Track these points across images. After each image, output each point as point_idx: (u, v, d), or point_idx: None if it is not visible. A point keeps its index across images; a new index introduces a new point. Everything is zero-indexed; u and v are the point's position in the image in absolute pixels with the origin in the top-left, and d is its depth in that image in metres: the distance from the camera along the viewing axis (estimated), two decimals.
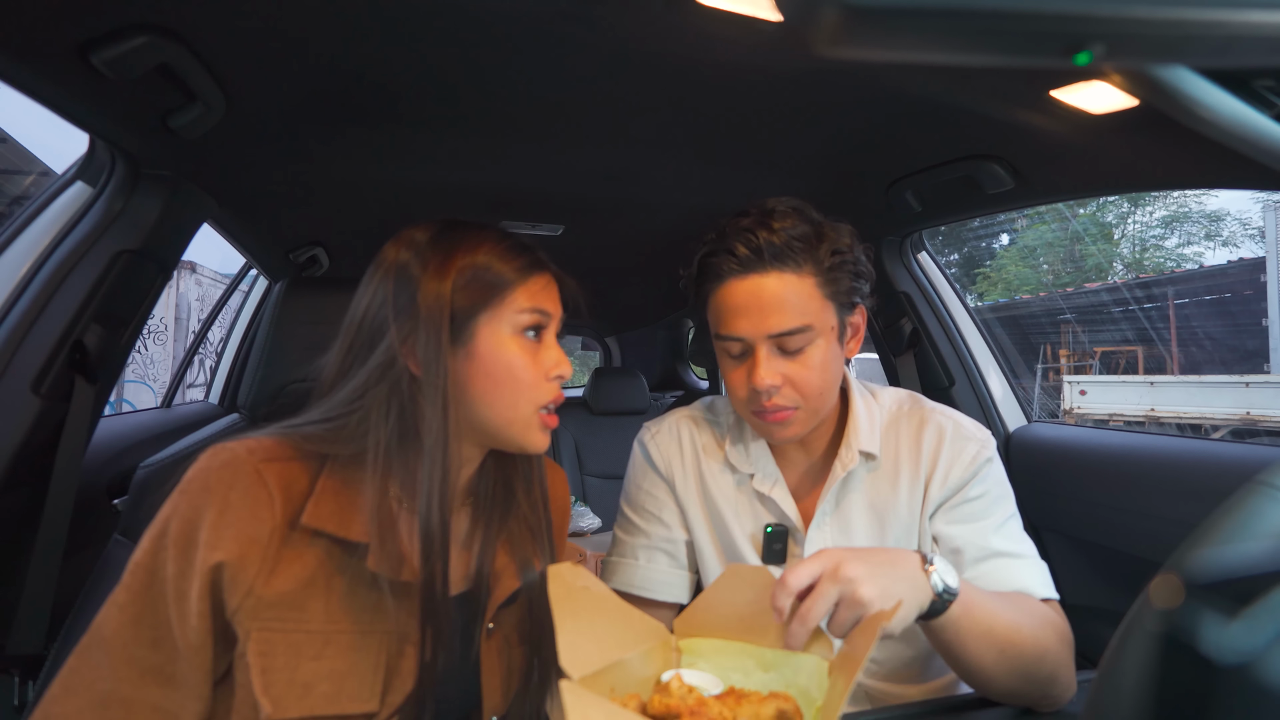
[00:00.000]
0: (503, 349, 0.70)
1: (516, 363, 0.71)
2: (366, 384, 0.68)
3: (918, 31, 0.22)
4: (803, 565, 0.66)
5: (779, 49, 0.89)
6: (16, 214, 1.10)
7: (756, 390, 0.83)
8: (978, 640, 0.72)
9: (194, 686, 0.63)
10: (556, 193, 1.58)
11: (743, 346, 0.84)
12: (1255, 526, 0.33)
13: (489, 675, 0.74)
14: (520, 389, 0.71)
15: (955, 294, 1.72)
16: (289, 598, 0.64)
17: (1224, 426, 8.69)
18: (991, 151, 1.20)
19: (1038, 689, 0.76)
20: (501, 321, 0.71)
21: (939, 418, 0.92)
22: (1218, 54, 0.24)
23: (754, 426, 0.90)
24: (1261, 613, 0.23)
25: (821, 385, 0.84)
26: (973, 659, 0.73)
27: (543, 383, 0.72)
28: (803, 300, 0.81)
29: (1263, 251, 11.63)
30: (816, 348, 0.83)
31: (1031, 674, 0.75)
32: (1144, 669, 0.25)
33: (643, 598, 0.94)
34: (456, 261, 0.70)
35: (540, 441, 0.74)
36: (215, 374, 2.16)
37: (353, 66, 0.98)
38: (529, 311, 0.72)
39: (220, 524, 0.62)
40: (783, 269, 0.81)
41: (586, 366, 12.17)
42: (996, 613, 0.73)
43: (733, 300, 0.83)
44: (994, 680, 0.75)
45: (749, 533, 0.93)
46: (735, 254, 0.82)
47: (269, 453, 0.66)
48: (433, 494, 0.67)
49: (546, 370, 0.73)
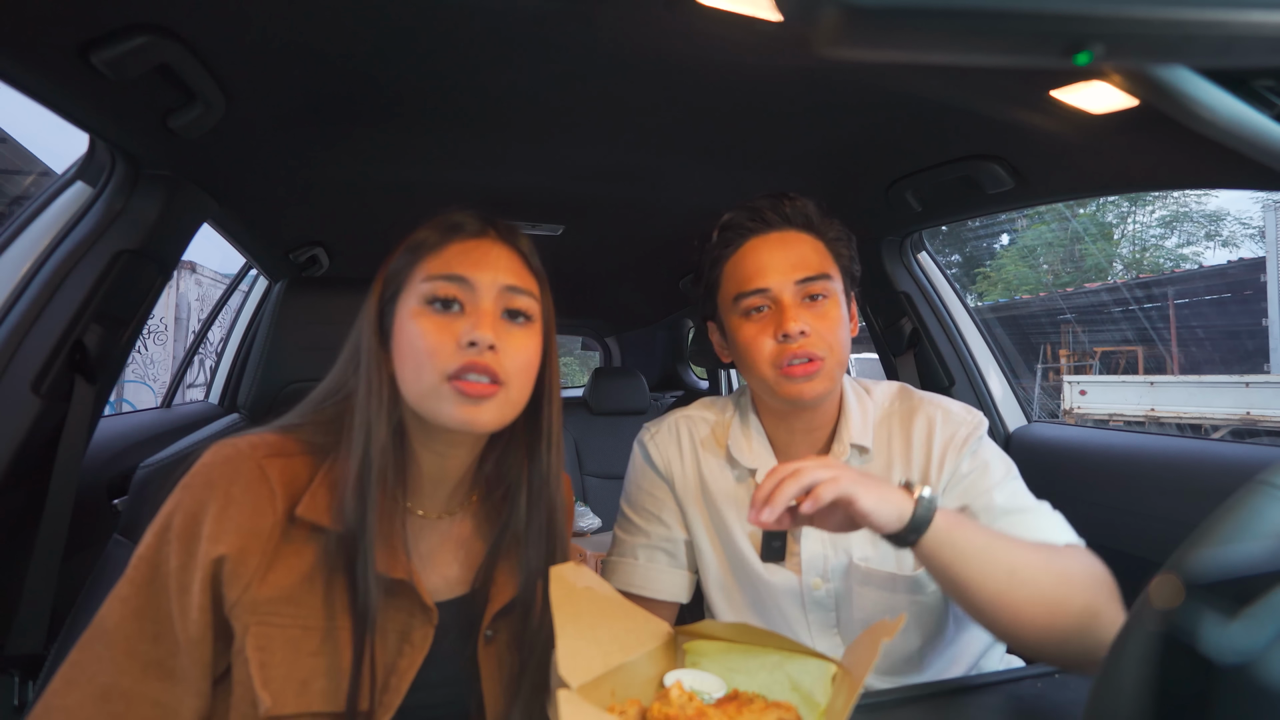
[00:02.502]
0: (409, 323, 0.68)
1: (415, 333, 0.67)
2: (336, 380, 0.71)
3: (917, 31, 0.22)
4: (806, 470, 0.67)
5: (779, 49, 0.90)
6: (16, 214, 1.10)
7: (786, 335, 0.84)
8: (979, 558, 0.68)
9: (193, 682, 0.63)
10: (556, 193, 1.58)
11: (767, 299, 0.87)
12: (1255, 526, 0.33)
13: (489, 682, 0.73)
14: (421, 359, 0.66)
15: (955, 294, 1.72)
16: (288, 593, 0.64)
17: (1224, 426, 8.68)
18: (991, 151, 1.20)
19: (1076, 631, 0.68)
20: (410, 295, 0.69)
21: (928, 408, 0.93)
22: (1218, 54, 0.24)
23: (781, 391, 0.88)
24: (1261, 613, 0.23)
25: (841, 339, 0.88)
26: (982, 586, 0.68)
27: (450, 349, 0.66)
28: (821, 255, 0.90)
29: (1263, 251, 11.64)
30: (834, 302, 0.89)
31: (1060, 607, 0.68)
32: (1144, 669, 0.25)
33: (642, 597, 0.94)
34: (394, 253, 0.72)
35: (454, 414, 0.66)
36: (215, 374, 2.16)
37: (352, 67, 0.98)
38: (436, 279, 0.68)
39: (222, 518, 0.62)
40: (801, 230, 0.91)
41: (586, 366, 12.17)
42: (994, 534, 0.72)
43: (758, 256, 0.89)
44: (1021, 618, 0.69)
45: (748, 530, 0.93)
46: (762, 215, 0.90)
47: (271, 448, 0.67)
48: (350, 481, 0.66)
49: (458, 338, 0.66)
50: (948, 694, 0.77)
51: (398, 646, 0.68)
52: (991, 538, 0.71)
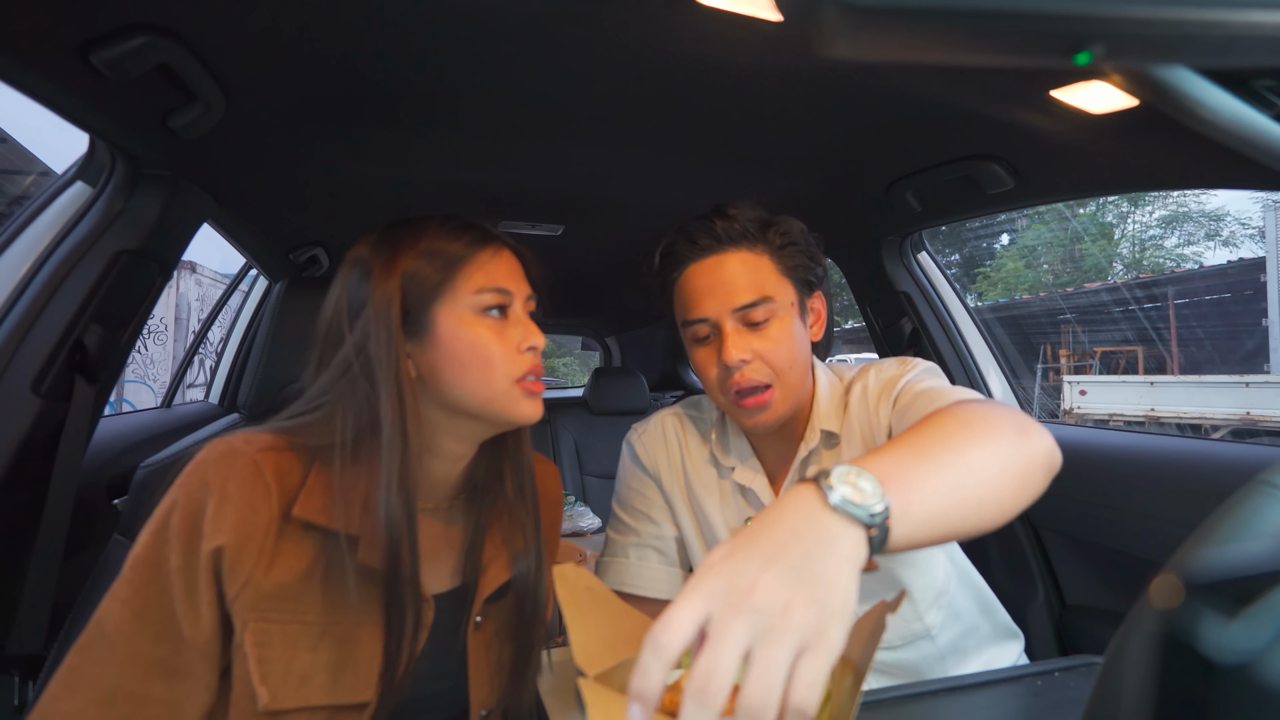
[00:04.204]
0: (465, 331, 0.71)
1: (481, 341, 0.71)
2: (331, 380, 0.71)
3: (917, 31, 0.22)
4: (680, 606, 0.42)
5: (779, 49, 0.89)
6: (16, 214, 1.10)
7: (727, 366, 0.84)
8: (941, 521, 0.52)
9: (201, 677, 0.63)
10: (556, 193, 1.58)
11: (710, 328, 0.87)
12: (1255, 526, 0.33)
13: (476, 669, 0.74)
14: (491, 366, 0.71)
15: (955, 294, 1.72)
16: (287, 589, 0.65)
17: (1224, 426, 8.68)
18: (991, 151, 1.20)
19: (1035, 468, 0.61)
20: (458, 304, 0.71)
21: (868, 373, 0.92)
22: (1218, 54, 0.24)
23: (734, 416, 0.90)
24: (1261, 613, 0.23)
25: (790, 358, 0.86)
26: (960, 530, 0.55)
27: (515, 355, 0.72)
28: (760, 275, 0.86)
29: (1263, 251, 11.64)
30: (780, 321, 0.86)
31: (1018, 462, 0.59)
32: (1144, 669, 0.25)
33: (635, 595, 0.95)
34: (402, 256, 0.72)
35: (528, 411, 0.73)
36: (215, 374, 2.16)
37: (353, 66, 0.98)
38: (487, 291, 0.72)
39: (219, 514, 0.63)
40: (738, 248, 0.87)
41: (586, 366, 12.12)
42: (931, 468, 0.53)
43: (695, 283, 0.87)
44: (1005, 499, 0.57)
45: (731, 526, 0.94)
46: (695, 240, 0.87)
47: (265, 445, 0.68)
48: (391, 484, 0.67)
49: (517, 344, 0.73)
50: (948, 693, 0.77)
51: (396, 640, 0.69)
52: (937, 481, 0.53)
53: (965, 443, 0.57)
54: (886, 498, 0.47)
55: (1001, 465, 0.58)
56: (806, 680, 0.39)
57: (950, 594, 0.93)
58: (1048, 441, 0.64)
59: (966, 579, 0.98)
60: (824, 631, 0.40)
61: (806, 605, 0.41)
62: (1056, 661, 0.80)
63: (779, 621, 0.40)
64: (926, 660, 0.92)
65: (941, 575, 0.93)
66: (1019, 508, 0.59)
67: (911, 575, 0.91)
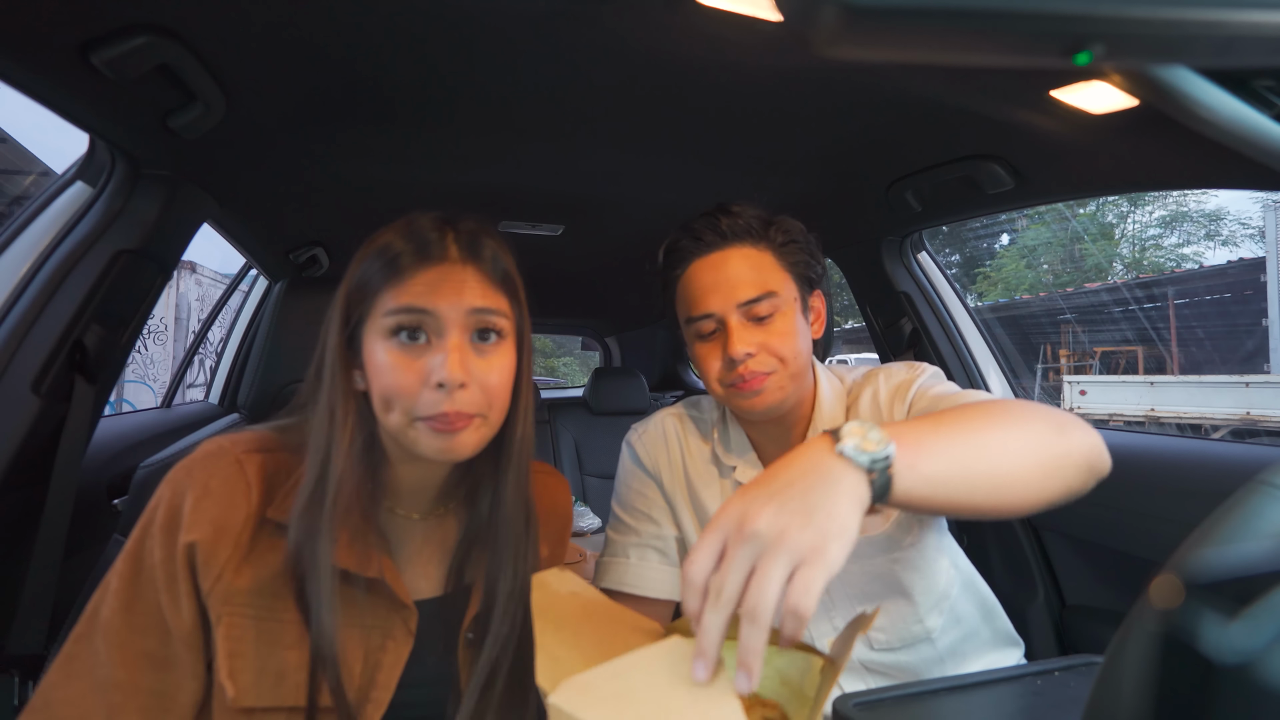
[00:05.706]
0: (374, 354, 0.65)
1: (382, 369, 0.64)
2: (309, 384, 0.71)
3: (917, 31, 0.22)
4: (700, 542, 0.50)
5: (779, 49, 0.90)
6: (16, 214, 1.10)
7: (732, 360, 0.84)
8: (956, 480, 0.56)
9: (188, 666, 0.64)
10: (556, 193, 1.58)
11: (714, 323, 0.87)
12: (1255, 526, 0.33)
13: (465, 680, 0.73)
14: (390, 397, 0.64)
15: (955, 294, 1.72)
16: (263, 585, 0.65)
17: (1224, 426, 8.69)
18: (991, 151, 1.20)
19: (1068, 461, 0.61)
20: (376, 323, 0.66)
21: (876, 377, 0.93)
22: (1218, 54, 0.24)
23: (732, 406, 0.90)
24: (1261, 613, 0.23)
25: (794, 349, 0.86)
26: (971, 503, 0.57)
27: (417, 389, 0.63)
28: (764, 271, 0.87)
29: (1263, 251, 11.64)
30: (784, 315, 0.87)
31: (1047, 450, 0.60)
32: (1144, 669, 0.25)
33: (636, 595, 0.95)
34: (355, 261, 0.70)
35: (431, 447, 0.64)
36: (215, 374, 2.16)
37: (353, 67, 0.98)
38: (394, 313, 0.64)
39: (198, 508, 0.63)
40: (741, 244, 0.87)
41: (586, 366, 12.11)
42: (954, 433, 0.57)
43: (700, 279, 0.87)
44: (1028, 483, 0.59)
45: None
46: (700, 236, 0.88)
47: (253, 445, 0.68)
48: (303, 497, 0.65)
49: (425, 376, 0.63)
50: (948, 693, 0.77)
51: (381, 643, 0.69)
52: (949, 447, 0.56)
53: (986, 424, 0.60)
54: (891, 448, 0.52)
55: (1025, 450, 0.60)
56: (802, 587, 0.45)
57: (953, 599, 0.93)
58: (1090, 440, 0.65)
59: (970, 585, 0.99)
60: (820, 549, 0.46)
61: (803, 529, 0.47)
62: (1056, 661, 0.80)
63: (775, 543, 0.47)
64: (926, 662, 0.93)
65: (944, 580, 0.93)
66: (1048, 497, 0.61)
67: (914, 578, 0.91)
